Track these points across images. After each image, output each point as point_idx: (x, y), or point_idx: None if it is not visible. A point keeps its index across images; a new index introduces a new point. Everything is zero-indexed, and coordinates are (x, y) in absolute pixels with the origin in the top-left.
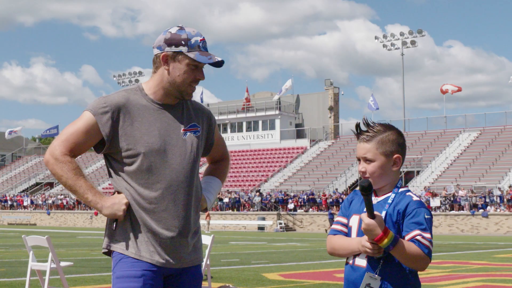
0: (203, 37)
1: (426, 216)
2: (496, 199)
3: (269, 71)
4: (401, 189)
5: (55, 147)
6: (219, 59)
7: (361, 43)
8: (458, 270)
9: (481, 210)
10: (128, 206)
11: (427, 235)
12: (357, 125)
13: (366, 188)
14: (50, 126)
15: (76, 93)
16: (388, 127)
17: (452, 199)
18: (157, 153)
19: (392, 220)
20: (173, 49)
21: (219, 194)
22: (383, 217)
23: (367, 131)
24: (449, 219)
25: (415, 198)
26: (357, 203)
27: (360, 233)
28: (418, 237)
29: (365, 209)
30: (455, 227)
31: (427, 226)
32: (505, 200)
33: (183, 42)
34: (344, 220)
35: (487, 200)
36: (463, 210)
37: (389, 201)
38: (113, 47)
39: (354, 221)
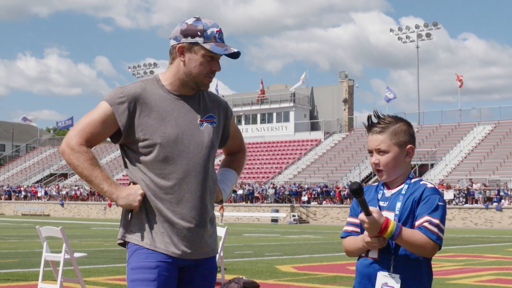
0: (220, 28)
1: (439, 203)
2: (510, 192)
3: (283, 63)
4: (413, 180)
5: (71, 137)
6: (235, 50)
7: (376, 35)
8: (472, 264)
9: (495, 204)
10: (144, 197)
11: (436, 221)
12: (369, 117)
13: (356, 191)
14: (64, 117)
15: (91, 84)
16: (398, 118)
17: (466, 192)
18: (173, 143)
19: (407, 210)
20: (189, 40)
21: (234, 186)
22: (399, 209)
23: (378, 123)
24: (463, 212)
25: (429, 185)
26: (367, 199)
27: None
28: (426, 224)
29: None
30: (469, 220)
31: (439, 212)
32: None
33: (199, 33)
34: (355, 220)
35: (501, 193)
36: (477, 203)
37: (403, 192)
38: (128, 38)
39: (362, 217)
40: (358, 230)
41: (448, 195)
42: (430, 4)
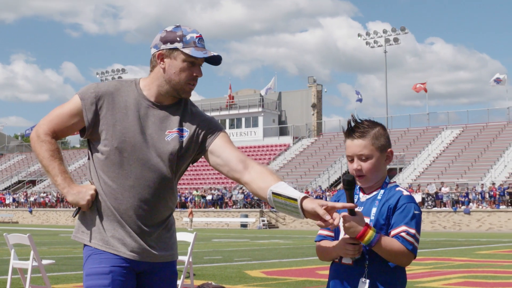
0: (200, 34)
1: (415, 212)
2: (478, 196)
3: (250, 68)
4: (389, 185)
5: (40, 126)
6: (215, 53)
7: (343, 40)
8: (440, 267)
9: (463, 207)
10: (97, 197)
11: (412, 231)
12: (349, 122)
13: (351, 182)
14: (31, 124)
15: (58, 90)
16: (375, 122)
17: (434, 196)
18: (132, 150)
19: (382, 217)
20: (168, 46)
21: (202, 191)
22: (374, 214)
23: (357, 127)
24: (431, 216)
25: (405, 193)
26: (345, 202)
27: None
28: (403, 234)
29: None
30: (438, 224)
31: (415, 221)
32: (487, 197)
33: (178, 39)
34: None
35: (470, 197)
36: (445, 207)
37: (379, 197)
38: (95, 44)
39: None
40: (333, 234)
41: (416, 198)
42: (397, 9)
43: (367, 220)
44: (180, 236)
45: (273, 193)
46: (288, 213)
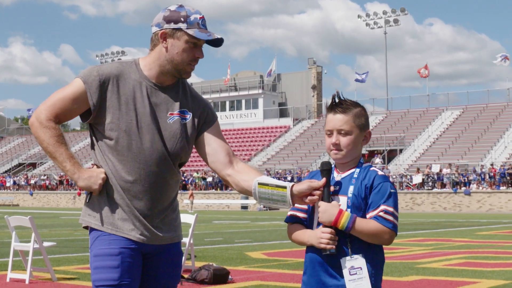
0: (203, 15)
1: (391, 191)
2: (478, 177)
3: (249, 50)
4: (364, 165)
5: (41, 111)
6: (219, 36)
7: (342, 21)
8: (441, 248)
9: (463, 188)
10: (106, 181)
11: (391, 209)
12: (333, 97)
13: (328, 172)
14: (30, 106)
15: (56, 72)
16: (357, 103)
17: (435, 177)
18: (137, 131)
19: (361, 195)
20: (172, 26)
21: (203, 173)
22: (352, 192)
23: (341, 104)
24: (431, 197)
25: (380, 172)
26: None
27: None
28: (381, 213)
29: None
30: (438, 205)
31: (392, 200)
32: (487, 178)
33: (182, 19)
34: (302, 206)
35: (470, 178)
36: (445, 188)
37: (355, 175)
38: (93, 26)
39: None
40: (305, 215)
41: (417, 179)
42: None
43: (344, 198)
44: (181, 218)
45: (259, 183)
46: (273, 203)
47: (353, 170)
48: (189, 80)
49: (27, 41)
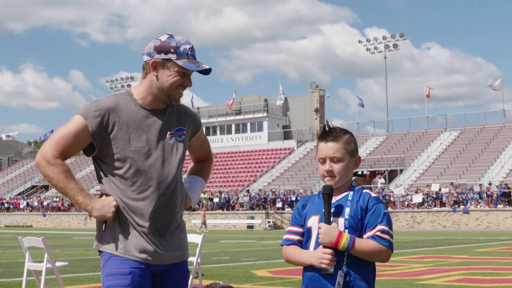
0: (192, 45)
1: (385, 211)
2: (476, 195)
3: (252, 75)
4: (356, 187)
5: (46, 150)
6: (207, 67)
7: (342, 46)
8: (440, 264)
9: (462, 207)
10: (117, 207)
11: (386, 228)
12: (324, 127)
13: (330, 195)
14: (42, 131)
15: (67, 98)
16: (345, 130)
17: (434, 196)
18: (145, 157)
19: (357, 217)
20: (163, 56)
21: (210, 194)
22: (348, 214)
23: (331, 132)
24: (431, 216)
25: (373, 194)
26: (312, 205)
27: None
28: (378, 233)
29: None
30: (437, 223)
31: (386, 219)
32: (484, 196)
33: (172, 50)
34: (297, 229)
35: (468, 196)
36: (444, 206)
37: (349, 198)
38: (102, 53)
39: (313, 221)
40: (301, 238)
41: (417, 199)
42: (394, 14)
43: (341, 220)
44: (189, 238)
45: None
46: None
47: (346, 193)
48: (197, 105)
49: (38, 67)
